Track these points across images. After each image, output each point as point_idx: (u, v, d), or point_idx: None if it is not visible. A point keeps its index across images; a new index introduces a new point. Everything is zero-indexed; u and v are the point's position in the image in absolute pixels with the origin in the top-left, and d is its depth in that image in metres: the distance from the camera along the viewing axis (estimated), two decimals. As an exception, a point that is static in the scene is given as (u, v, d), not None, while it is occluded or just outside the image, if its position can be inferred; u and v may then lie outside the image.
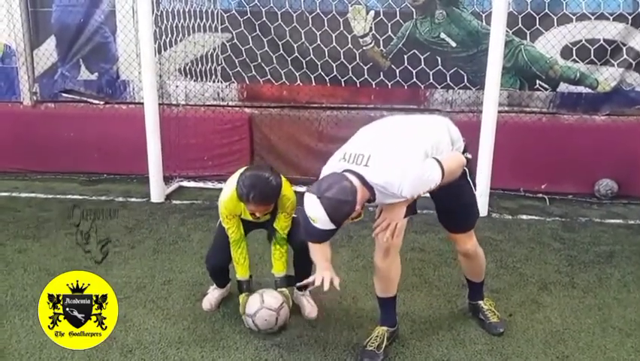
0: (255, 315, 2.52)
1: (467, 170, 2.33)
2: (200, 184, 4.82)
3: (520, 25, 4.47)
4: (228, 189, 2.50)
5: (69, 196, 4.58)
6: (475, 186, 2.42)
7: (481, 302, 2.68)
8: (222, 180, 4.66)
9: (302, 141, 4.86)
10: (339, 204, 2.00)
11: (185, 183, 4.84)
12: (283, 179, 2.48)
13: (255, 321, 2.53)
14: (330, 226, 2.03)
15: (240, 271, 2.62)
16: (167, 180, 4.66)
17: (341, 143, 2.30)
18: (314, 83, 4.83)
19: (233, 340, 2.54)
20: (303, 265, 2.65)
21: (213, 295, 2.84)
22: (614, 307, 2.84)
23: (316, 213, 2.01)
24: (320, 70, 4.77)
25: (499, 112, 4.08)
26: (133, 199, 4.50)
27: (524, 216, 4.15)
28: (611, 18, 4.42)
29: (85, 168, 5.08)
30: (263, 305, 2.52)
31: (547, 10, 4.45)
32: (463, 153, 2.32)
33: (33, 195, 4.62)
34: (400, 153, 2.10)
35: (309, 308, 2.73)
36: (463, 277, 2.74)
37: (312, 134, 4.84)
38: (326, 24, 4.67)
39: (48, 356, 2.40)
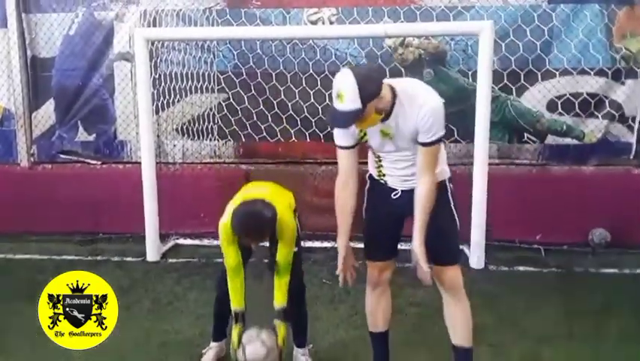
0: (246, 346, 2.47)
1: (451, 188, 2.39)
2: (197, 242, 4.81)
3: (505, 81, 4.64)
4: (227, 214, 2.53)
5: (64, 257, 4.55)
6: (458, 217, 2.40)
7: None
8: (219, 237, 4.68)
9: (298, 196, 4.88)
10: (369, 74, 2.11)
11: (182, 241, 4.83)
12: (285, 205, 2.53)
13: (245, 350, 2.45)
14: (355, 104, 2.03)
15: (236, 300, 2.51)
16: (163, 237, 4.65)
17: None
18: (308, 140, 4.94)
19: (231, 403, 2.49)
20: (296, 312, 2.67)
21: (209, 356, 2.80)
22: (613, 359, 2.82)
23: (344, 84, 2.04)
24: (314, 127, 4.89)
25: (490, 165, 4.17)
26: (129, 258, 4.48)
27: (521, 268, 4.16)
28: (592, 73, 4.61)
29: (81, 228, 5.05)
30: (259, 337, 2.48)
31: (530, 67, 4.64)
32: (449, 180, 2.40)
33: (28, 256, 4.59)
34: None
35: (308, 368, 2.69)
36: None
37: (307, 189, 4.88)
38: (319, 83, 4.82)
39: None
